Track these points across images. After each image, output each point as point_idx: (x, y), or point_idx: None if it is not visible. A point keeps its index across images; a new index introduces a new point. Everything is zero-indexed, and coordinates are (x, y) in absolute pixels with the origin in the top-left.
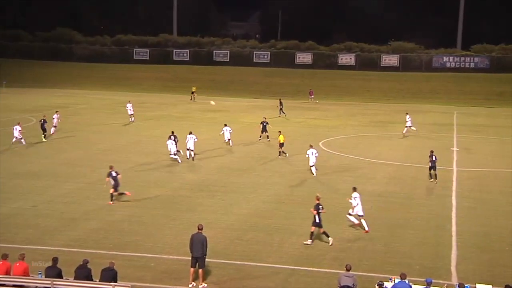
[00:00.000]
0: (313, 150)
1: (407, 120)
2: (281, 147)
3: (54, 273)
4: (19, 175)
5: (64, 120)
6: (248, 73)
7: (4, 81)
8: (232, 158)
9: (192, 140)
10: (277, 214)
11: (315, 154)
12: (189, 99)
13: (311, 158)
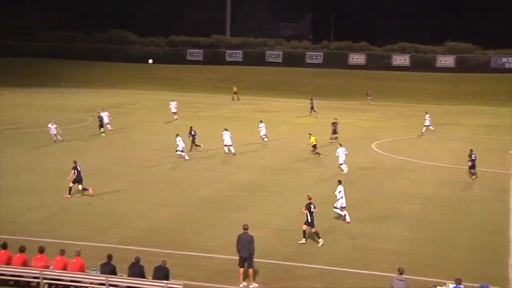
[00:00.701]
0: (342, 149)
1: (426, 119)
2: (315, 148)
3: (109, 270)
4: (67, 173)
5: (117, 119)
6: (300, 74)
7: (62, 82)
8: (281, 158)
9: (228, 136)
10: (325, 215)
11: (344, 152)
12: (231, 99)
13: (341, 156)
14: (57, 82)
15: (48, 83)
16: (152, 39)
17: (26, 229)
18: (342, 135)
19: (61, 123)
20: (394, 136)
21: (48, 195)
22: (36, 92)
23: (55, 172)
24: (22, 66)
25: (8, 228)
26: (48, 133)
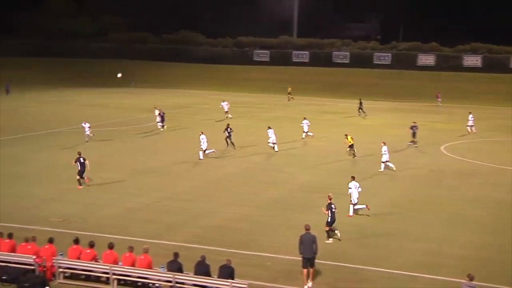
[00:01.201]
0: (386, 147)
1: (469, 119)
2: (351, 148)
3: (175, 268)
4: (140, 172)
5: (184, 119)
6: (367, 75)
7: (132, 82)
8: (348, 160)
9: (272, 134)
10: (393, 218)
11: (386, 151)
12: (286, 100)
13: (384, 155)
14: (129, 82)
15: (120, 83)
16: (220, 40)
17: (97, 226)
18: (411, 138)
19: (131, 122)
20: (464, 139)
21: (120, 193)
22: (109, 92)
23: (128, 170)
24: (96, 66)
25: (81, 224)
26: (119, 132)
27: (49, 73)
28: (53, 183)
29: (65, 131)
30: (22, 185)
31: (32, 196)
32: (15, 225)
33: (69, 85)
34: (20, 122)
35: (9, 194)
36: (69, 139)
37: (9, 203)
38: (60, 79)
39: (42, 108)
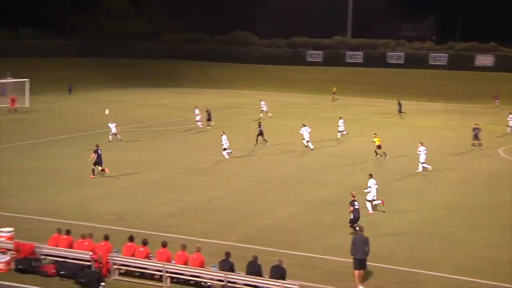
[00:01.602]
0: (423, 147)
1: (509, 119)
2: (379, 149)
3: (227, 267)
4: (192, 171)
5: (236, 119)
6: (423, 76)
7: (186, 82)
8: (403, 161)
9: (307, 132)
10: (447, 221)
11: (424, 152)
12: (331, 100)
13: (421, 156)
14: (182, 82)
15: (174, 83)
16: (273, 40)
17: (151, 224)
18: (467, 140)
19: (183, 122)
20: None
21: (172, 192)
22: (163, 92)
23: (180, 169)
24: (151, 66)
25: (135, 222)
26: (172, 131)
27: (106, 73)
28: (108, 181)
29: (121, 131)
30: (80, 183)
31: (88, 193)
32: (73, 222)
33: (125, 85)
34: (80, 121)
35: (69, 191)
36: (123, 139)
37: (67, 200)
38: (116, 79)
39: (100, 108)
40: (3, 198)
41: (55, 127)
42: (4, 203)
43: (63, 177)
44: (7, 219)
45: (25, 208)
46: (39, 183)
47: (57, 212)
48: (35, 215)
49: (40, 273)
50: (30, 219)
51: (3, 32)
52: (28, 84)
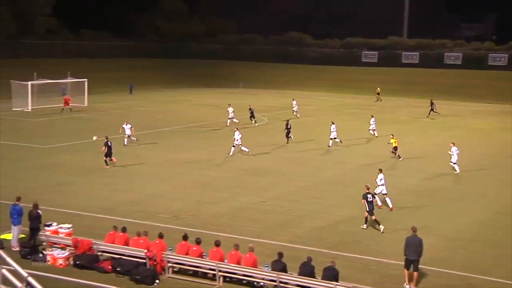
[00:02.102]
0: (455, 148)
1: None
2: (395, 150)
3: (280, 267)
4: (246, 171)
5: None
6: (481, 77)
7: (240, 82)
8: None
9: (335, 129)
10: (502, 225)
11: (456, 152)
12: (374, 101)
13: (453, 156)
14: (236, 83)
15: (228, 84)
16: (327, 41)
17: (204, 223)
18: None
19: (239, 123)
20: None
21: (228, 191)
22: (217, 92)
23: (235, 169)
24: (206, 67)
25: (189, 221)
26: (227, 131)
27: (162, 73)
28: (164, 180)
29: (177, 130)
30: (136, 181)
31: (145, 192)
32: (129, 219)
33: (181, 85)
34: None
35: (126, 189)
36: (178, 138)
37: (125, 198)
38: (172, 79)
39: (157, 108)
40: (63, 194)
41: (113, 126)
42: (63, 200)
43: (120, 175)
44: (66, 215)
45: (83, 205)
46: (98, 180)
47: (114, 210)
48: (93, 213)
49: (97, 269)
50: (88, 216)
51: (64, 34)
52: (86, 84)
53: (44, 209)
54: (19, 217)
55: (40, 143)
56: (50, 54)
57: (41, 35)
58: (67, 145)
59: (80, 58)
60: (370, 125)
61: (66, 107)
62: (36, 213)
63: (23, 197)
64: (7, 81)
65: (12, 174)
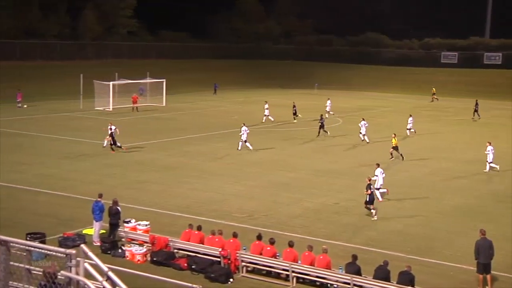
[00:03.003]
0: (491, 147)
1: None
2: (396, 150)
3: (354, 270)
4: (322, 173)
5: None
6: None
7: (316, 84)
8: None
9: (364, 127)
10: None
11: (492, 151)
12: (430, 101)
13: (489, 155)
14: (312, 84)
15: (304, 85)
16: (405, 41)
17: (278, 223)
18: None
19: (313, 123)
20: None
21: (303, 192)
22: (293, 93)
23: (310, 170)
24: (282, 68)
25: (263, 221)
26: (302, 132)
27: (239, 74)
28: (240, 179)
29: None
30: (212, 181)
31: (221, 191)
32: (204, 218)
33: (258, 85)
34: (216, 120)
35: (202, 189)
36: (254, 138)
37: (201, 197)
38: (248, 80)
39: (233, 108)
40: (142, 192)
41: (191, 125)
42: (142, 198)
43: (197, 174)
44: (144, 213)
45: (161, 203)
46: (175, 179)
47: (190, 208)
48: (170, 210)
49: (173, 266)
50: (165, 214)
51: (144, 35)
52: (165, 84)
53: (124, 206)
54: (101, 213)
55: (121, 142)
56: (131, 55)
57: (123, 36)
58: (146, 143)
59: (159, 59)
60: (408, 124)
61: (133, 106)
62: (116, 209)
63: (104, 194)
64: (91, 81)
65: (94, 172)
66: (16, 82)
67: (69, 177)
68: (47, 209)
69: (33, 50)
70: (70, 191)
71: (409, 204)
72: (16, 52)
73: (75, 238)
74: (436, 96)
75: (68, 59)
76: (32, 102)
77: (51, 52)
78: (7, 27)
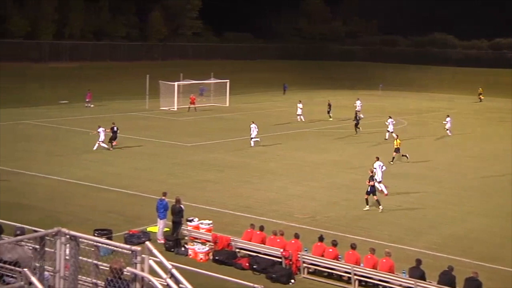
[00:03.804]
0: None
1: None
2: (397, 152)
3: (418, 275)
4: (394, 176)
5: (432, 124)
6: None
7: (380, 85)
8: None
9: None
10: None
11: None
12: (477, 101)
13: None
14: (376, 85)
15: (367, 86)
16: (474, 42)
17: (340, 225)
18: None
19: (377, 125)
20: None
21: (364, 194)
22: (356, 94)
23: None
24: (346, 68)
25: (325, 222)
26: (366, 134)
27: (303, 74)
28: (302, 180)
29: (315, 131)
30: (275, 181)
31: (283, 191)
32: (265, 218)
33: (321, 86)
34: (279, 120)
35: (265, 189)
36: (317, 139)
37: (263, 197)
38: (312, 80)
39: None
40: (205, 191)
41: None
42: (205, 197)
43: (260, 174)
44: (207, 212)
45: (223, 202)
46: (238, 179)
47: (252, 208)
48: (232, 210)
49: (235, 265)
50: (227, 213)
51: (209, 36)
52: (228, 85)
53: (186, 205)
54: (165, 211)
55: (185, 141)
56: (196, 56)
57: (188, 38)
58: (210, 143)
59: (223, 60)
60: (446, 123)
61: (191, 106)
62: (179, 207)
63: (168, 193)
64: (156, 81)
65: (158, 170)
66: (86, 82)
67: (134, 175)
68: (114, 206)
69: (102, 51)
70: (136, 189)
71: (471, 207)
72: (86, 53)
73: (140, 235)
74: (482, 96)
75: (135, 60)
76: (99, 101)
77: (119, 53)
78: (79, 29)
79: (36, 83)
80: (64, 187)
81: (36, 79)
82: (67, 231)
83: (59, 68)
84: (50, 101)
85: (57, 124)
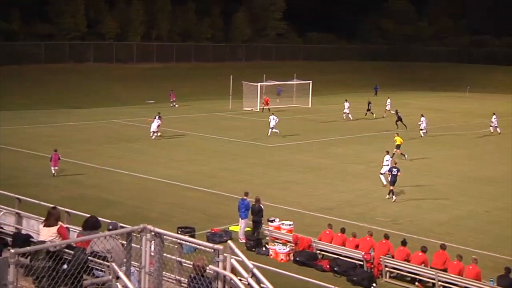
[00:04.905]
0: None
1: None
2: (397, 149)
3: (507, 283)
4: (472, 179)
5: None
6: None
7: (468, 87)
8: None
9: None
10: None
11: None
12: None
13: None
14: (463, 87)
15: (454, 87)
16: None
17: (423, 229)
18: None
19: (465, 128)
20: None
21: (450, 198)
22: (442, 96)
23: (459, 176)
24: (432, 70)
25: (408, 226)
26: (453, 137)
27: (387, 76)
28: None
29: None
30: (356, 183)
31: (365, 194)
32: (346, 221)
33: (405, 88)
34: (359, 122)
35: (345, 190)
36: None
37: (345, 198)
38: (396, 82)
39: (375, 110)
40: (287, 192)
41: (335, 126)
42: (287, 197)
43: (340, 176)
44: (288, 212)
45: (304, 203)
46: (319, 180)
47: (333, 210)
48: (313, 211)
49: (315, 267)
50: (307, 215)
51: (292, 37)
52: (311, 86)
53: (267, 205)
54: (246, 211)
55: (267, 142)
56: (279, 57)
57: (272, 39)
58: (290, 144)
59: (306, 61)
60: (492, 122)
61: (264, 107)
62: (259, 207)
63: (250, 193)
64: (240, 82)
65: (240, 170)
66: (171, 82)
67: (217, 175)
68: (197, 204)
69: (187, 52)
70: (218, 188)
71: None
72: (172, 54)
73: (222, 234)
74: None
75: (219, 61)
76: (185, 101)
77: (204, 54)
78: (166, 30)
79: (123, 83)
80: (150, 185)
81: (124, 79)
82: (152, 228)
83: (146, 68)
84: (137, 100)
85: (142, 123)
